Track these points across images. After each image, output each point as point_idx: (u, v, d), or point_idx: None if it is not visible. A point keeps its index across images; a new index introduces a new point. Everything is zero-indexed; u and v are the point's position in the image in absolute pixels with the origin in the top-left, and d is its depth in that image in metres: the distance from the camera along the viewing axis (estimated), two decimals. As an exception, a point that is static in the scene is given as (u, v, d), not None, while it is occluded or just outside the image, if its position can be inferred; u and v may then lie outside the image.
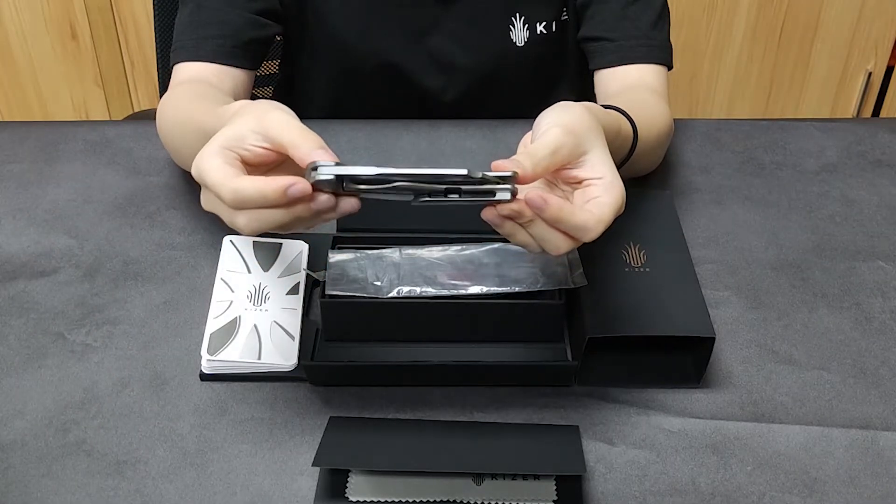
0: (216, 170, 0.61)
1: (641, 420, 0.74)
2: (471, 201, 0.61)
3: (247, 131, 0.63)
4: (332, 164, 0.60)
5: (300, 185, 0.59)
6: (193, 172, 0.63)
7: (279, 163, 0.65)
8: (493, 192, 0.61)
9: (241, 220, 0.61)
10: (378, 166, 0.60)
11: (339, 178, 0.60)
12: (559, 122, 0.65)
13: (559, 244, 0.63)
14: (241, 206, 0.60)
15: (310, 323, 0.79)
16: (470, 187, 0.60)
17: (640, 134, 0.83)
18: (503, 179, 0.60)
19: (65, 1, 1.85)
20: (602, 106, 0.78)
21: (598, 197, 0.64)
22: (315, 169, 0.59)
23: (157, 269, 0.86)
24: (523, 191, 0.62)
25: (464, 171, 0.59)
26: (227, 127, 0.64)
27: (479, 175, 0.59)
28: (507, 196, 0.61)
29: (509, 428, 0.72)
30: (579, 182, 0.65)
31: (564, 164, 0.64)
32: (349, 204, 0.61)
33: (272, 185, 0.59)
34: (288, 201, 0.60)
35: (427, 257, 0.80)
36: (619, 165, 0.66)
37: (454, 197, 0.60)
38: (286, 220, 0.61)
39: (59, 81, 1.96)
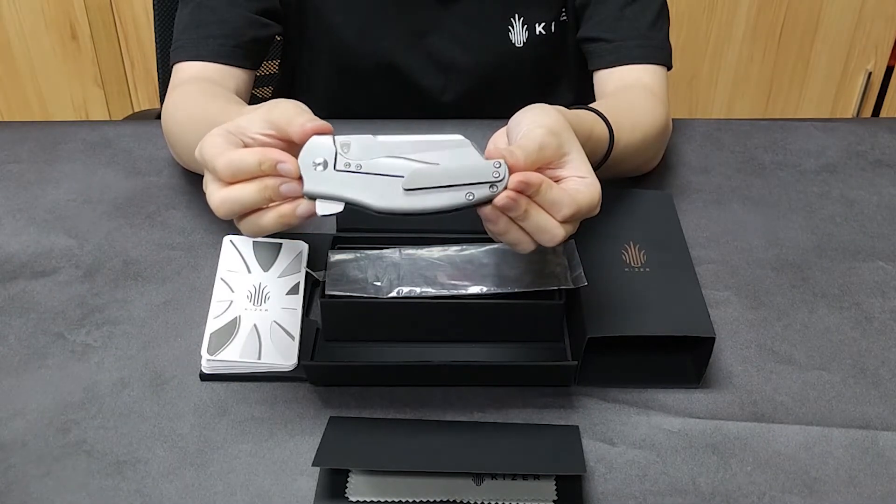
0: (215, 146, 0.63)
1: (641, 420, 0.74)
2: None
3: (254, 119, 0.64)
4: (339, 203, 0.62)
5: (289, 163, 0.61)
6: (196, 154, 0.64)
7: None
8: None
9: (215, 197, 0.62)
10: (374, 135, 0.62)
11: (334, 166, 0.62)
12: (541, 123, 0.66)
13: (553, 229, 0.63)
14: (234, 174, 0.62)
15: (310, 323, 0.79)
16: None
17: (620, 136, 0.84)
18: (493, 186, 0.61)
19: (65, 1, 1.84)
20: (579, 107, 0.80)
21: (577, 188, 0.64)
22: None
23: (157, 269, 0.86)
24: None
25: (461, 200, 0.61)
26: (239, 118, 0.65)
27: (474, 203, 0.62)
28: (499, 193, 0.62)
29: (509, 428, 0.72)
30: (560, 181, 0.66)
31: (548, 163, 0.65)
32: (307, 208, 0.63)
33: (266, 151, 0.62)
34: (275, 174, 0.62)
35: (427, 257, 0.80)
36: (596, 168, 0.67)
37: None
38: (256, 197, 0.62)
39: (59, 81, 1.96)
